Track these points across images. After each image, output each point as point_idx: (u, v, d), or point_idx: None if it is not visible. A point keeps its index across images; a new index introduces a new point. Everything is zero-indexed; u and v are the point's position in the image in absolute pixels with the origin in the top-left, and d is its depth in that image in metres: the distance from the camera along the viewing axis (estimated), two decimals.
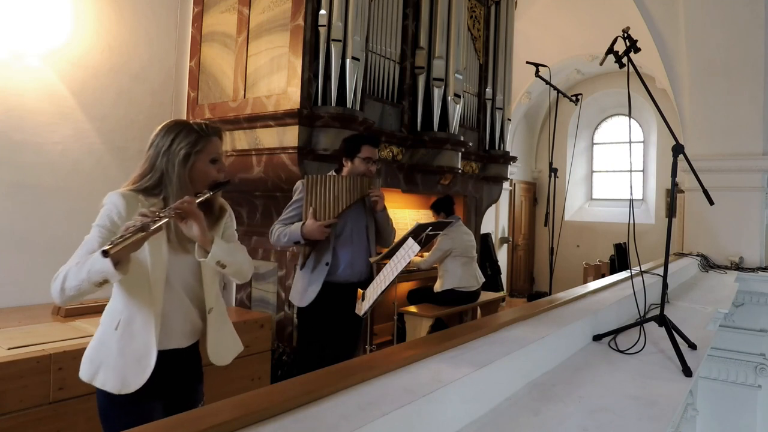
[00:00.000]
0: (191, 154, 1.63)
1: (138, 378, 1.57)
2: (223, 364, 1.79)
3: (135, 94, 4.08)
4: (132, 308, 1.61)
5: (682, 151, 2.03)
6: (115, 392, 1.57)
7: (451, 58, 4.87)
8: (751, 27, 5.00)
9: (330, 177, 2.75)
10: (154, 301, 1.59)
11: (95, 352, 1.64)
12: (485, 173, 5.86)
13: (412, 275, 4.91)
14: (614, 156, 10.06)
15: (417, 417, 1.17)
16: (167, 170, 1.62)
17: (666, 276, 2.23)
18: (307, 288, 2.78)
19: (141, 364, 1.58)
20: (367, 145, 2.83)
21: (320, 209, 2.71)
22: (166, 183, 1.63)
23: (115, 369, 1.58)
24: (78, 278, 1.46)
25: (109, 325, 1.63)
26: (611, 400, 1.56)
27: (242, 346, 1.90)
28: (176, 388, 1.72)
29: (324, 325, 2.82)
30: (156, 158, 1.64)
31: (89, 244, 1.56)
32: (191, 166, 1.64)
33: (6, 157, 3.41)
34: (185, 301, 1.69)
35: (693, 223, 5.45)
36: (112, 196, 1.60)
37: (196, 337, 1.76)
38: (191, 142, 1.64)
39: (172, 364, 1.67)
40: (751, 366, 4.43)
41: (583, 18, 7.74)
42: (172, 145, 1.63)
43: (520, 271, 9.95)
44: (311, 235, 2.67)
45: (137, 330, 1.60)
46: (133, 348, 1.59)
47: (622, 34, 2.23)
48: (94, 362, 1.62)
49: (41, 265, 3.52)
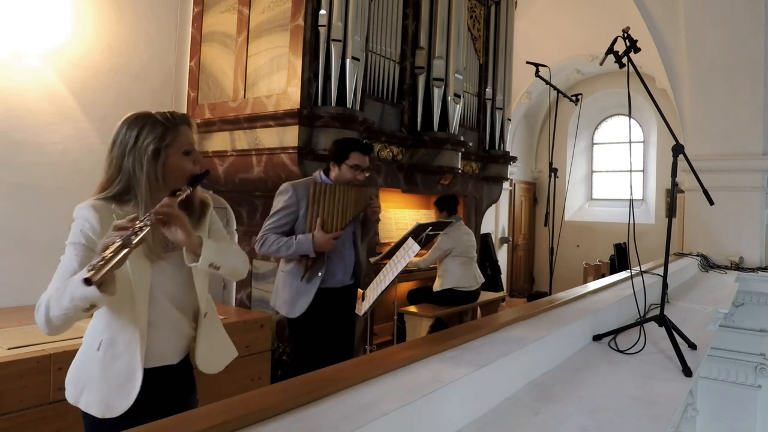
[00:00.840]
0: (161, 149, 1.45)
1: (122, 402, 1.44)
2: (214, 372, 1.66)
3: (135, 94, 4.08)
4: (114, 327, 1.47)
5: (682, 151, 2.03)
6: (99, 416, 1.45)
7: (451, 58, 4.87)
8: (751, 27, 5.00)
9: (339, 187, 2.66)
10: (137, 318, 1.45)
11: (77, 374, 1.52)
12: (485, 173, 5.86)
13: (411, 275, 4.90)
14: (614, 156, 10.06)
15: (417, 417, 1.17)
16: (134, 171, 1.45)
17: (666, 276, 2.23)
18: (297, 298, 2.66)
19: (125, 388, 1.45)
20: (357, 152, 2.70)
21: (327, 220, 2.62)
22: (134, 186, 1.46)
23: (98, 392, 1.45)
24: (61, 307, 1.30)
25: (90, 345, 1.50)
26: (611, 400, 1.56)
27: (236, 353, 1.77)
28: (167, 405, 1.58)
29: (319, 333, 2.73)
30: (122, 158, 1.46)
31: (66, 266, 1.41)
32: (162, 163, 1.46)
33: (6, 157, 3.41)
34: (173, 312, 1.55)
35: (693, 223, 5.45)
36: (82, 210, 1.44)
37: (186, 350, 1.63)
38: (158, 136, 1.46)
39: (162, 382, 1.55)
40: (751, 366, 4.43)
41: (583, 18, 7.74)
42: (137, 141, 1.45)
43: (520, 271, 9.95)
44: (322, 248, 2.59)
45: (120, 351, 1.46)
46: (116, 371, 1.46)
47: (622, 34, 2.23)
48: (77, 385, 1.50)
49: (41, 265, 3.51)
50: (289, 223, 2.68)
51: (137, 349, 1.45)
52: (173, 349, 1.59)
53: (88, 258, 1.39)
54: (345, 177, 2.71)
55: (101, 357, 1.47)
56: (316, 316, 2.67)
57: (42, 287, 1.44)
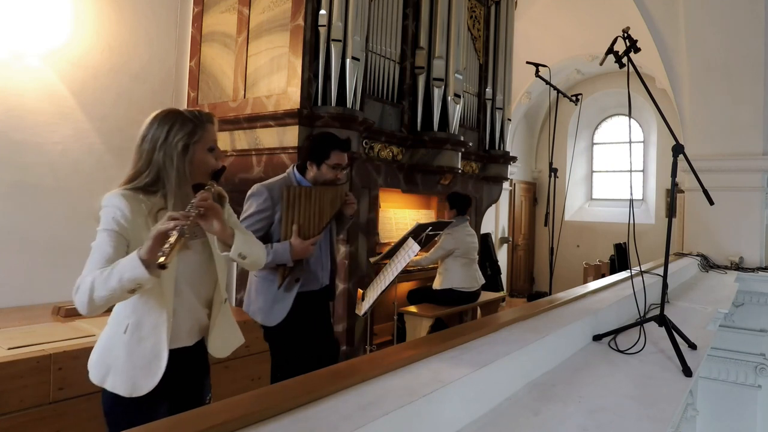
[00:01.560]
0: (189, 144, 1.56)
1: (148, 381, 1.54)
2: (224, 356, 1.76)
3: (135, 94, 4.08)
4: (141, 311, 1.56)
5: (682, 151, 2.03)
6: (126, 395, 1.54)
7: (451, 58, 4.87)
8: (751, 27, 5.00)
9: (312, 189, 2.45)
10: (164, 302, 1.55)
11: (103, 357, 1.60)
12: (485, 173, 5.86)
13: (411, 275, 4.90)
14: (614, 156, 10.06)
15: (417, 417, 1.17)
16: (165, 165, 1.54)
17: (666, 276, 2.23)
18: (273, 306, 2.47)
19: (151, 368, 1.55)
20: (337, 151, 2.50)
21: (304, 225, 2.41)
22: (163, 178, 1.55)
23: (124, 373, 1.55)
24: (108, 287, 1.40)
25: (117, 329, 1.59)
26: (611, 400, 1.56)
27: (243, 339, 1.84)
28: (184, 386, 1.68)
29: (299, 340, 2.53)
30: (152, 153, 1.55)
31: (101, 251, 1.48)
32: (190, 158, 1.56)
33: (6, 157, 3.41)
34: (192, 299, 1.65)
35: (693, 223, 5.45)
36: (112, 198, 1.52)
37: (202, 334, 1.72)
38: (189, 132, 1.56)
39: (180, 363, 1.63)
40: (751, 366, 4.43)
41: (583, 18, 7.74)
42: (168, 137, 1.54)
43: (520, 271, 9.95)
44: (300, 255, 2.39)
45: (146, 333, 1.56)
46: (141, 352, 1.55)
47: (622, 34, 2.23)
48: (102, 367, 1.59)
49: (41, 265, 3.52)
50: (263, 228, 2.45)
51: (164, 331, 1.54)
52: (188, 333, 1.66)
53: (120, 243, 1.49)
54: (325, 177, 2.52)
55: (128, 339, 1.55)
56: (296, 322, 2.49)
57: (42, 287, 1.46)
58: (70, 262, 3.65)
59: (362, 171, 4.17)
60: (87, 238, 1.79)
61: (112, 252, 1.47)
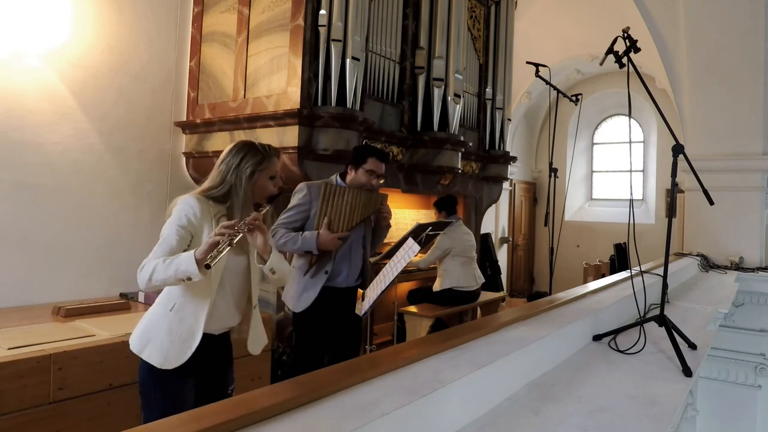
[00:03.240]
0: (256, 171, 1.89)
1: (179, 357, 1.79)
2: (257, 353, 2.04)
3: (135, 94, 4.08)
4: (187, 296, 1.83)
5: (682, 151, 2.03)
6: (158, 366, 1.79)
7: (451, 58, 4.87)
8: (751, 27, 5.00)
9: (348, 190, 2.77)
10: (209, 293, 1.82)
11: (146, 329, 1.86)
12: (485, 173, 5.86)
13: (411, 275, 4.90)
14: (614, 156, 10.06)
15: (417, 417, 1.17)
16: (235, 185, 1.88)
17: (666, 276, 2.23)
18: (302, 293, 2.77)
19: (184, 346, 1.80)
20: (374, 158, 2.82)
21: (334, 220, 2.72)
22: (233, 195, 1.88)
23: (161, 346, 1.80)
24: (166, 274, 1.70)
25: (165, 305, 1.85)
26: (611, 400, 1.56)
27: (266, 340, 2.11)
28: (207, 369, 1.93)
29: (321, 330, 2.82)
30: (227, 173, 1.89)
31: (167, 242, 1.79)
32: (255, 182, 1.90)
33: (6, 157, 3.41)
34: (228, 297, 1.91)
35: (693, 223, 5.45)
36: (188, 199, 1.84)
37: (228, 327, 1.98)
38: (257, 162, 1.89)
39: (204, 347, 1.85)
40: (751, 366, 4.43)
41: (583, 18, 7.74)
42: (241, 163, 1.88)
43: (520, 271, 9.95)
44: (326, 246, 2.68)
45: (187, 315, 1.82)
46: (180, 330, 1.81)
47: (622, 34, 2.23)
48: (144, 338, 1.85)
49: (41, 265, 3.52)
50: (300, 220, 2.79)
51: (202, 317, 1.82)
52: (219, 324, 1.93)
53: (185, 237, 1.81)
54: (360, 180, 2.81)
55: (172, 317, 1.83)
56: (320, 313, 2.76)
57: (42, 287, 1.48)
58: (70, 262, 3.66)
59: None
60: (87, 238, 1.82)
61: (176, 245, 1.78)
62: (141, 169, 4.10)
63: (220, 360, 2.01)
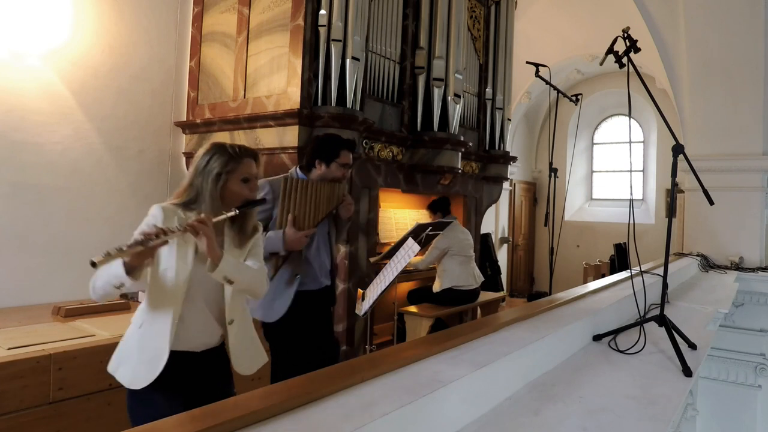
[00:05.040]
0: (222, 173, 1.75)
1: (147, 375, 1.68)
2: (247, 373, 1.90)
3: (135, 94, 4.08)
4: (154, 311, 1.73)
5: (682, 151, 2.03)
6: (127, 385, 1.70)
7: (451, 58, 4.87)
8: (750, 27, 5.00)
9: (310, 183, 2.54)
10: (173, 307, 1.70)
11: (121, 348, 1.79)
12: (485, 173, 5.86)
13: (411, 275, 4.90)
14: (614, 156, 10.06)
15: (417, 417, 1.17)
16: (202, 188, 1.76)
17: (666, 276, 2.23)
18: (272, 301, 2.51)
19: (152, 364, 1.68)
20: (345, 150, 2.62)
21: (299, 216, 2.48)
22: (200, 200, 1.76)
23: (131, 365, 1.72)
24: (102, 280, 1.61)
25: (136, 323, 1.77)
26: (611, 400, 1.56)
27: (266, 358, 1.99)
28: (194, 386, 1.80)
29: (298, 338, 2.58)
30: (194, 176, 1.78)
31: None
32: (222, 185, 1.76)
33: (6, 157, 3.41)
34: (204, 311, 1.78)
35: (693, 223, 5.45)
36: (154, 209, 1.74)
37: (211, 344, 1.84)
38: (223, 163, 1.76)
39: (185, 364, 1.77)
40: (751, 366, 4.43)
41: (583, 18, 7.74)
42: (207, 165, 1.76)
43: (520, 271, 9.95)
44: (293, 245, 2.45)
45: (155, 332, 1.71)
46: (148, 347, 1.71)
47: (622, 34, 2.23)
48: (118, 356, 1.78)
49: (41, 265, 3.52)
50: (263, 220, 2.47)
51: (167, 333, 1.69)
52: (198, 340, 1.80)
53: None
54: (334, 174, 2.61)
55: (141, 334, 1.73)
56: (295, 320, 2.54)
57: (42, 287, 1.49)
58: (70, 262, 3.65)
59: (362, 171, 4.16)
60: (87, 238, 1.81)
61: None
62: (141, 169, 4.10)
63: (213, 376, 1.86)
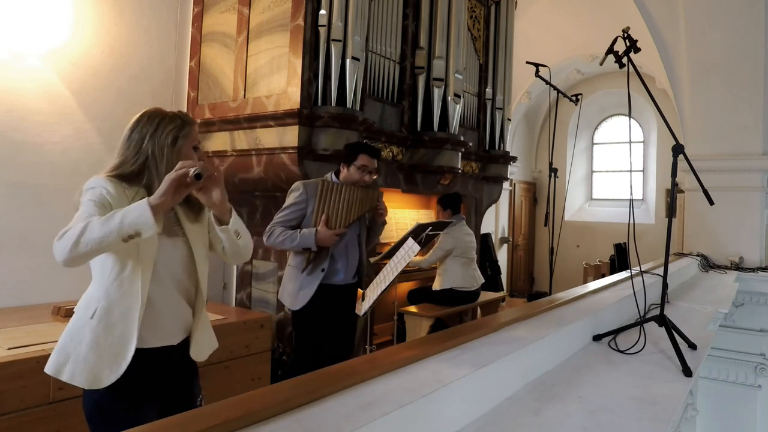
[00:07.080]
0: (179, 137, 1.61)
1: (112, 373, 1.47)
2: (202, 359, 1.72)
3: (135, 94, 4.08)
4: (113, 296, 1.50)
5: (682, 151, 2.03)
6: (85, 387, 1.49)
7: (451, 58, 4.87)
8: (750, 27, 5.00)
9: (345, 186, 2.83)
10: (139, 289, 1.49)
11: (64, 345, 1.54)
12: (485, 173, 5.86)
13: (411, 275, 4.90)
14: (614, 156, 10.06)
15: (417, 417, 1.17)
16: (154, 153, 1.57)
17: (666, 276, 2.23)
18: (298, 291, 2.81)
19: (117, 358, 1.47)
20: (365, 154, 2.87)
21: (332, 216, 2.78)
22: (150, 167, 1.57)
23: (86, 361, 1.48)
24: (105, 229, 1.35)
25: (84, 314, 1.53)
26: (611, 400, 1.56)
27: (217, 344, 1.82)
28: (171, 388, 1.64)
29: (319, 327, 2.85)
30: (141, 143, 1.59)
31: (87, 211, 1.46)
32: (178, 150, 1.61)
33: (6, 157, 3.41)
34: (174, 294, 1.61)
35: (693, 223, 5.45)
36: (99, 180, 1.52)
37: (186, 332, 1.67)
38: (178, 126, 1.62)
39: (165, 363, 1.60)
40: (751, 366, 4.43)
41: (583, 18, 7.74)
42: (157, 129, 1.60)
43: (520, 271, 9.95)
44: (324, 242, 2.73)
45: (115, 320, 1.49)
46: (108, 340, 1.48)
47: (622, 34, 2.23)
48: (61, 355, 1.52)
49: (41, 265, 3.52)
50: (296, 218, 2.82)
51: (135, 319, 1.49)
52: (174, 330, 1.63)
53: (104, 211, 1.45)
54: (353, 177, 2.86)
55: (95, 325, 1.50)
56: (317, 310, 2.80)
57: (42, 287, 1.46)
58: None
59: None
60: None
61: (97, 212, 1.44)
62: None
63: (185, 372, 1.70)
